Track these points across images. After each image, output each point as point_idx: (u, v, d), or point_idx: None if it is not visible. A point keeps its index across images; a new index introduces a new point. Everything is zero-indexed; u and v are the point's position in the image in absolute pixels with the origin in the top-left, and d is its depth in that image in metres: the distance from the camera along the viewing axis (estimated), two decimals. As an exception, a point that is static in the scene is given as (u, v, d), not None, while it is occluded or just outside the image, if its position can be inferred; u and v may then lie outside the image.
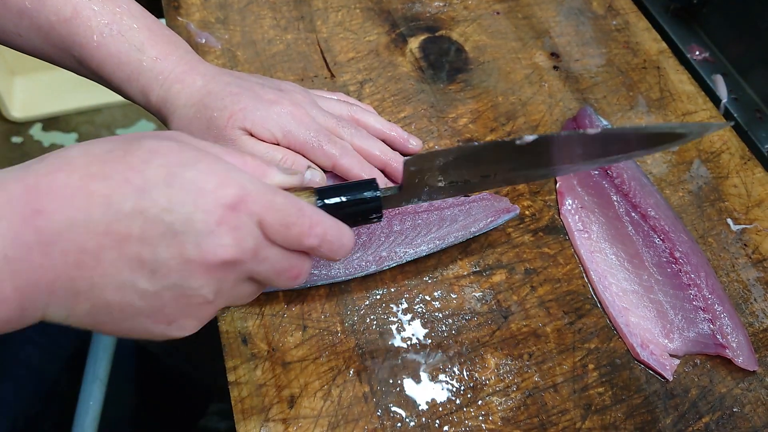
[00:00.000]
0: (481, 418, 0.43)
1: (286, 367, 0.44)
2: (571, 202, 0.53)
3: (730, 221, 0.54)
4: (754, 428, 0.44)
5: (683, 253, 0.50)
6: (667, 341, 0.47)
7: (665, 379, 0.46)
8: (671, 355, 0.47)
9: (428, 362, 0.45)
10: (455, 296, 0.48)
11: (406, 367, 0.45)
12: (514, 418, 0.43)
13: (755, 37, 0.63)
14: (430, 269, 0.49)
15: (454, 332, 0.46)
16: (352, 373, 0.44)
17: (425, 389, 0.44)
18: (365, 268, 0.47)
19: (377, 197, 0.38)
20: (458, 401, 0.44)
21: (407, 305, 0.47)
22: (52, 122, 1.55)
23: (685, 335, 0.47)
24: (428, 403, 0.44)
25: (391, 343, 0.46)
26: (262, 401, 0.43)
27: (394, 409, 0.43)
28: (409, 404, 0.43)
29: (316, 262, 0.47)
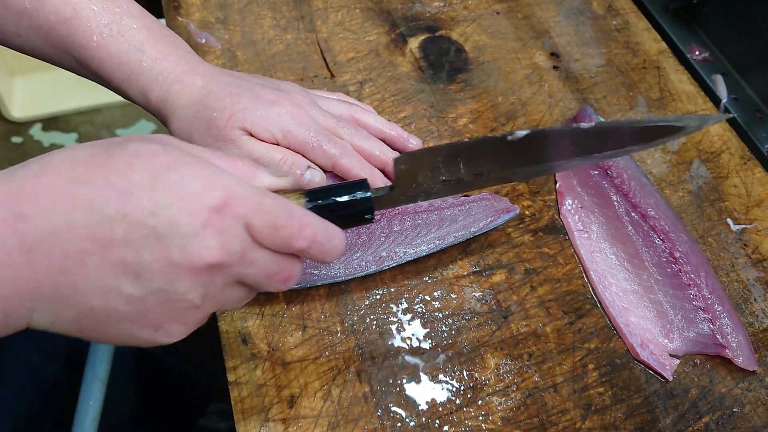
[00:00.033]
0: (481, 418, 0.43)
1: (286, 367, 0.44)
2: (571, 202, 0.53)
3: (730, 221, 0.54)
4: (754, 428, 0.44)
5: (683, 253, 0.50)
6: (667, 341, 0.47)
7: (665, 379, 0.46)
8: (671, 355, 0.47)
9: (428, 362, 0.45)
10: (455, 296, 0.48)
11: (406, 367, 0.45)
12: (514, 418, 0.43)
13: (755, 37, 0.63)
14: (430, 269, 0.49)
15: (454, 332, 0.46)
16: (352, 373, 0.44)
17: (425, 389, 0.44)
18: (365, 268, 0.47)
19: (368, 197, 0.38)
20: (458, 401, 0.44)
21: (407, 305, 0.47)
22: (52, 122, 1.55)
23: (685, 335, 0.47)
24: (428, 403, 0.44)
25: (391, 343, 0.46)
26: (262, 401, 0.43)
27: (394, 409, 0.43)
28: (409, 404, 0.43)
29: (316, 262, 0.47)
